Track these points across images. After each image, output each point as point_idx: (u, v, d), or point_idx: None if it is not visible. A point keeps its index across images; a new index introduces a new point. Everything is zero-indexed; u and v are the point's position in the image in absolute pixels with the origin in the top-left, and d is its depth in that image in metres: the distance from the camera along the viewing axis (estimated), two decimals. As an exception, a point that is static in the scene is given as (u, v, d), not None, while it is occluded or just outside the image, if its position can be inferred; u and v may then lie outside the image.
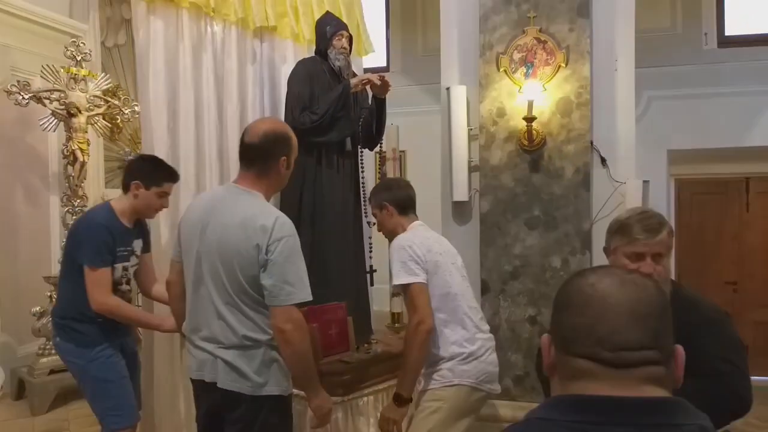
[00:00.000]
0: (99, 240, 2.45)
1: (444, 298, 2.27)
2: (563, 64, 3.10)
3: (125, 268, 2.60)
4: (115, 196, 5.60)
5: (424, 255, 2.25)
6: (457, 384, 2.25)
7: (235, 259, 1.86)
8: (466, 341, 2.28)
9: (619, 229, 1.82)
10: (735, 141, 6.06)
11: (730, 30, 6.22)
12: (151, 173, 2.59)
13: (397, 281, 2.26)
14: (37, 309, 4.35)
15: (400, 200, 2.45)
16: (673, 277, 6.24)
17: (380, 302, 4.03)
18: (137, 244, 2.66)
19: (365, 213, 3.32)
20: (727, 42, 6.21)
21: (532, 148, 3.15)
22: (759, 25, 6.21)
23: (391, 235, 2.46)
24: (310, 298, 1.91)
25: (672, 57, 6.20)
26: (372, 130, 3.21)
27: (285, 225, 1.89)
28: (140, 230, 2.72)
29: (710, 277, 6.57)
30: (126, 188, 2.59)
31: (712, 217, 6.63)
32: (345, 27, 3.25)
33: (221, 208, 1.94)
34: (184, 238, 2.04)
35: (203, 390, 1.99)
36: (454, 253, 2.45)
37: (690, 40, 6.26)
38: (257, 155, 1.94)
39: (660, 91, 6.24)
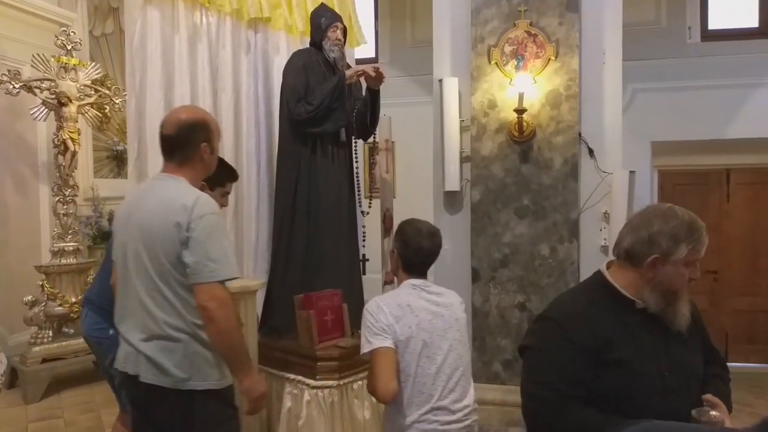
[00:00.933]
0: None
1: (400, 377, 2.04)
2: (553, 57, 3.17)
3: None
4: (104, 185, 5.62)
5: (390, 324, 2.03)
6: None
7: (157, 241, 1.83)
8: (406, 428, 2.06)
9: (692, 237, 1.62)
10: (716, 133, 6.19)
11: (714, 24, 6.34)
12: (215, 174, 2.57)
13: (361, 350, 2.09)
14: (29, 298, 4.35)
15: (408, 261, 2.18)
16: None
17: (374, 292, 4.09)
18: None
19: (359, 203, 3.38)
20: (710, 36, 6.33)
21: (522, 139, 3.23)
22: (741, 20, 6.34)
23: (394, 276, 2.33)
24: (236, 275, 1.89)
25: (656, 50, 6.31)
26: (366, 121, 3.26)
27: (207, 203, 1.86)
28: None
29: (691, 266, 6.72)
30: None
31: (693, 208, 6.52)
32: (339, 19, 3.29)
33: (145, 196, 1.94)
34: (115, 234, 2.02)
35: (129, 381, 1.92)
36: (448, 323, 2.12)
37: (674, 34, 6.37)
38: (175, 146, 1.92)
39: (644, 83, 6.35)
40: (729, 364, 1.83)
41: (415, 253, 2.18)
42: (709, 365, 1.70)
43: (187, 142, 1.92)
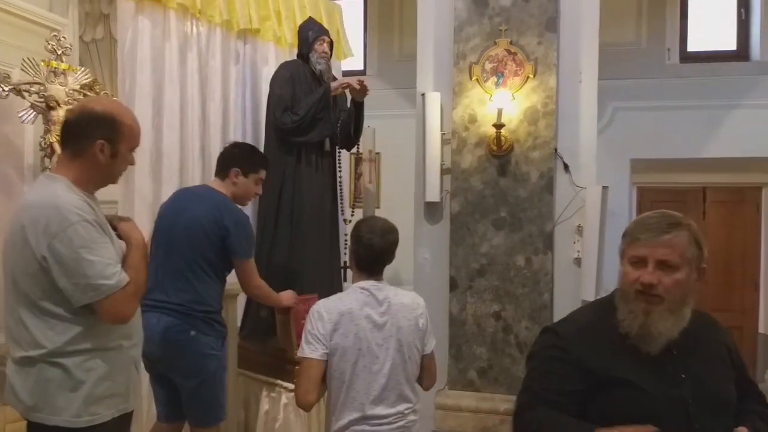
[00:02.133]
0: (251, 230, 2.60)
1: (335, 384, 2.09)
2: (531, 75, 3.29)
3: None
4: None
5: (328, 332, 2.04)
6: None
7: (19, 262, 1.65)
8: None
9: (632, 229, 1.58)
10: (694, 152, 6.36)
11: (693, 46, 6.54)
12: (249, 160, 2.64)
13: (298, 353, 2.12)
14: (11, 299, 4.37)
15: (360, 258, 2.17)
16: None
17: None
18: None
19: (341, 211, 3.46)
20: (689, 57, 6.53)
21: (500, 153, 3.34)
22: (719, 43, 6.54)
23: None
24: (123, 283, 1.65)
25: (636, 70, 6.48)
26: (350, 132, 3.36)
27: (63, 211, 1.61)
28: None
29: (668, 281, 6.86)
30: (224, 176, 2.62)
31: (670, 225, 6.92)
32: (326, 32, 3.39)
33: (22, 203, 1.75)
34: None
35: None
36: (388, 330, 2.09)
37: (654, 55, 6.55)
38: (69, 134, 1.72)
39: (624, 102, 6.52)
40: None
41: (366, 249, 2.13)
42: (746, 400, 1.56)
43: (83, 133, 1.69)
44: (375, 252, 2.13)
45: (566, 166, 3.33)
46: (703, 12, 6.55)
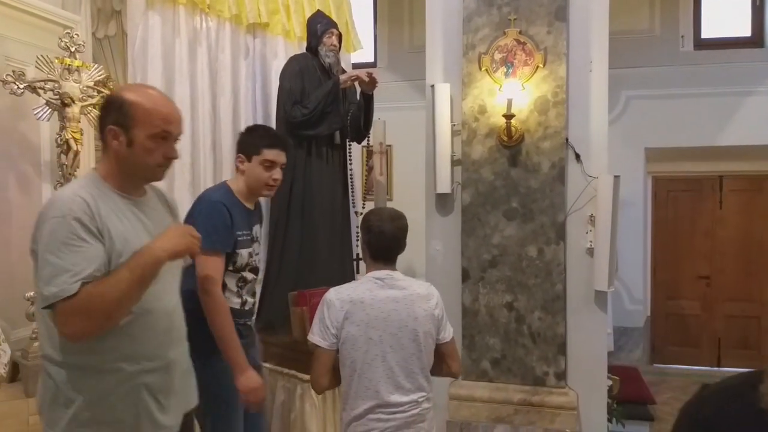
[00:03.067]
0: (214, 221, 2.17)
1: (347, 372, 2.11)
2: (541, 65, 3.27)
3: (250, 255, 2.38)
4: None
5: (339, 321, 2.06)
6: None
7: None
8: (350, 421, 2.13)
9: None
10: (709, 140, 6.30)
11: (707, 33, 6.46)
12: (246, 142, 2.36)
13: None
14: (31, 294, 4.44)
15: (372, 247, 2.19)
16: (648, 271, 6.36)
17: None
18: (257, 230, 2.46)
19: (353, 203, 3.48)
20: (703, 44, 6.45)
21: (510, 144, 3.32)
22: (734, 29, 6.45)
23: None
24: (65, 294, 1.43)
25: (650, 58, 6.43)
26: (360, 124, 3.37)
27: (53, 204, 1.51)
28: (260, 214, 2.54)
29: (684, 271, 6.83)
30: (235, 167, 2.41)
31: (686, 214, 6.88)
32: (335, 25, 3.39)
33: None
34: None
35: None
36: (403, 320, 2.11)
37: (667, 42, 6.49)
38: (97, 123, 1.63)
39: (638, 91, 6.47)
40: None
41: (377, 237, 2.15)
42: None
43: (100, 122, 1.61)
44: (387, 238, 2.14)
45: (578, 156, 3.31)
46: (716, -2, 6.46)
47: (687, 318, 6.81)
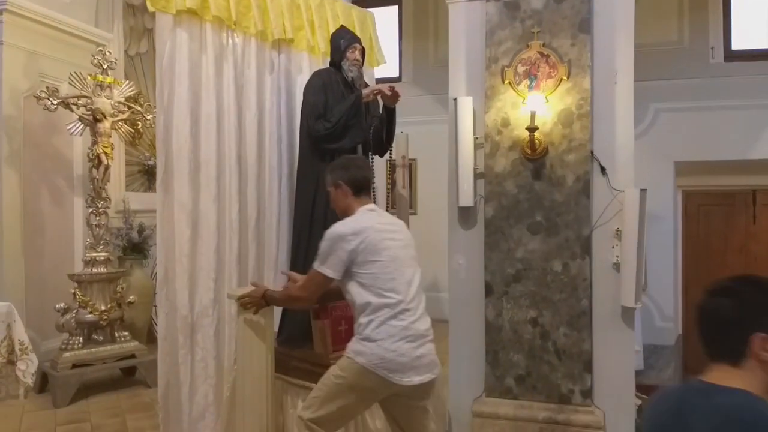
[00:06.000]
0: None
1: (370, 287, 2.35)
2: (565, 77, 3.25)
3: None
4: (135, 198, 5.84)
5: (354, 248, 2.33)
6: (354, 361, 2.34)
7: None
8: (370, 325, 2.33)
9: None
10: (741, 153, 6.16)
11: (737, 44, 6.35)
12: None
13: (318, 266, 2.40)
14: (61, 305, 4.55)
15: (356, 181, 2.51)
16: (679, 288, 6.17)
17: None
18: None
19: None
20: (733, 56, 6.34)
21: (534, 156, 3.30)
22: (765, 40, 6.32)
23: (343, 214, 2.54)
24: None
25: (679, 70, 6.33)
26: (382, 138, 3.38)
27: None
28: None
29: (717, 287, 6.64)
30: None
31: (718, 229, 6.72)
32: (358, 40, 3.42)
33: None
34: None
35: None
36: (406, 239, 2.53)
37: (697, 54, 6.39)
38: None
39: (667, 103, 6.37)
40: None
41: (357, 170, 2.54)
42: None
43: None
44: (364, 171, 2.58)
45: (603, 169, 3.27)
46: (746, 9, 6.35)
47: (720, 336, 6.61)
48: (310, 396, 2.48)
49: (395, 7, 7.74)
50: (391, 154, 3.54)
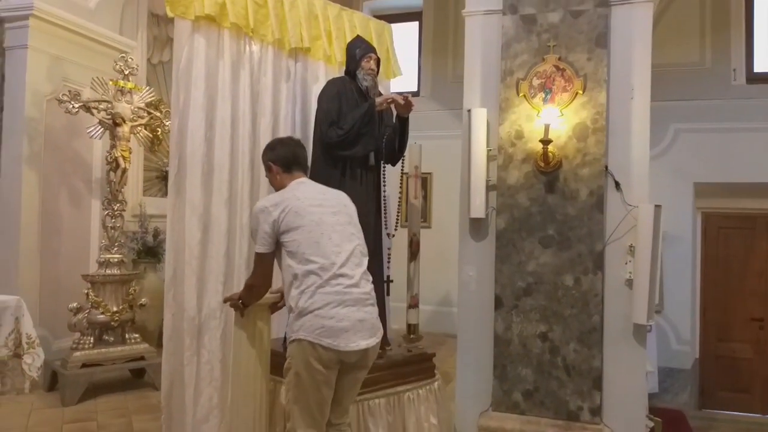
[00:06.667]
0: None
1: (296, 255, 2.37)
2: (580, 91, 3.23)
3: None
4: (152, 203, 5.91)
5: (276, 218, 2.38)
6: (297, 340, 2.32)
7: None
8: (302, 296, 2.32)
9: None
10: (763, 176, 6.06)
11: (759, 67, 6.28)
12: None
13: (255, 248, 2.46)
14: (74, 305, 4.59)
15: (283, 158, 2.59)
16: (697, 311, 6.12)
17: (396, 320, 4.15)
18: None
19: (385, 225, 3.47)
20: (755, 78, 6.26)
21: (548, 169, 3.28)
22: (788, 63, 6.25)
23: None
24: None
25: (700, 91, 6.27)
26: (395, 147, 3.38)
27: None
28: None
29: (736, 313, 6.52)
30: None
31: (738, 252, 6.59)
32: (373, 50, 3.44)
33: None
34: None
35: None
36: (338, 206, 2.56)
37: (719, 76, 6.32)
38: None
39: (687, 124, 6.31)
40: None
41: (283, 147, 2.64)
42: None
43: None
44: (292, 146, 2.66)
45: (617, 184, 3.23)
46: (770, 30, 6.28)
47: (738, 362, 6.46)
48: (290, 415, 2.43)
49: (416, 23, 7.80)
50: (403, 165, 3.54)
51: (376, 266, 3.40)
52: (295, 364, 2.34)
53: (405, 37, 7.44)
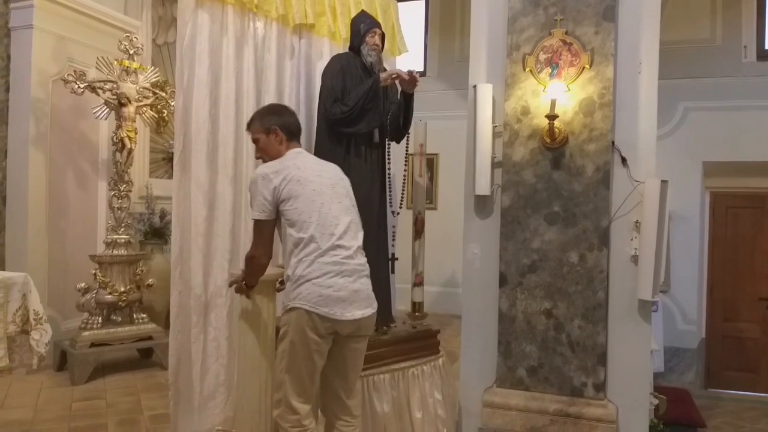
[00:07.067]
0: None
1: (296, 223, 2.36)
2: (587, 66, 3.19)
3: None
4: (158, 185, 5.93)
5: (277, 185, 2.36)
6: (294, 308, 2.33)
7: None
8: (300, 264, 2.33)
9: None
10: (773, 155, 6.00)
11: (771, 43, 6.18)
12: None
13: (251, 215, 2.44)
14: (82, 285, 4.63)
15: (290, 126, 2.55)
16: (704, 291, 6.10)
17: (403, 302, 4.15)
18: None
19: (390, 203, 3.46)
20: (767, 56, 6.17)
21: (554, 145, 3.25)
22: (800, 39, 6.15)
23: (271, 160, 2.54)
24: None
25: (710, 69, 6.20)
26: (399, 124, 3.36)
27: None
28: None
29: (744, 292, 6.50)
30: None
31: (747, 231, 6.55)
32: (378, 25, 3.41)
33: None
34: None
35: None
36: (335, 178, 2.56)
37: (729, 53, 6.24)
38: None
39: (697, 102, 6.24)
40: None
41: (290, 116, 2.60)
42: None
43: None
44: (297, 120, 2.63)
45: (624, 160, 3.20)
46: (782, 6, 6.17)
47: (745, 341, 6.45)
48: (281, 384, 2.44)
49: (422, 2, 7.73)
50: (408, 146, 3.52)
51: (380, 243, 3.41)
52: (291, 332, 2.35)
53: (411, 17, 7.37)
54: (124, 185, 4.76)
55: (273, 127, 2.52)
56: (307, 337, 2.32)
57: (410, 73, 3.18)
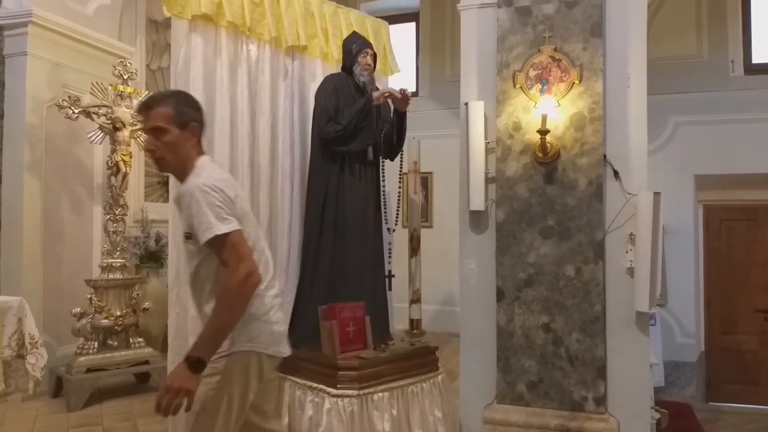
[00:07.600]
0: None
1: None
2: (577, 81, 3.24)
3: None
4: (154, 208, 5.92)
5: (233, 198, 1.95)
6: (246, 352, 1.97)
7: None
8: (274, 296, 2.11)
9: None
10: (763, 167, 6.05)
11: (757, 58, 6.28)
12: None
13: (209, 233, 1.85)
14: (78, 310, 4.60)
15: (203, 127, 2.10)
16: (701, 304, 6.13)
17: (400, 321, 4.15)
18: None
19: (385, 220, 3.48)
20: (754, 69, 6.27)
21: (546, 160, 3.28)
22: (785, 53, 6.25)
23: (177, 162, 2.02)
24: None
25: (699, 84, 6.27)
26: (392, 142, 3.40)
27: None
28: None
29: (740, 304, 6.50)
30: None
31: (741, 244, 6.57)
32: (369, 45, 3.46)
33: None
34: None
35: None
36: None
37: (717, 68, 6.32)
38: None
39: (686, 116, 6.31)
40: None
41: (203, 115, 2.13)
42: None
43: None
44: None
45: (616, 173, 3.23)
46: (766, 22, 6.29)
47: (744, 354, 6.44)
48: None
49: (413, 24, 7.84)
50: (402, 165, 3.55)
51: (377, 261, 3.42)
52: (231, 384, 1.94)
53: (402, 38, 7.47)
54: (120, 209, 4.76)
55: (193, 124, 2.01)
56: (249, 389, 1.94)
57: (402, 91, 3.23)
